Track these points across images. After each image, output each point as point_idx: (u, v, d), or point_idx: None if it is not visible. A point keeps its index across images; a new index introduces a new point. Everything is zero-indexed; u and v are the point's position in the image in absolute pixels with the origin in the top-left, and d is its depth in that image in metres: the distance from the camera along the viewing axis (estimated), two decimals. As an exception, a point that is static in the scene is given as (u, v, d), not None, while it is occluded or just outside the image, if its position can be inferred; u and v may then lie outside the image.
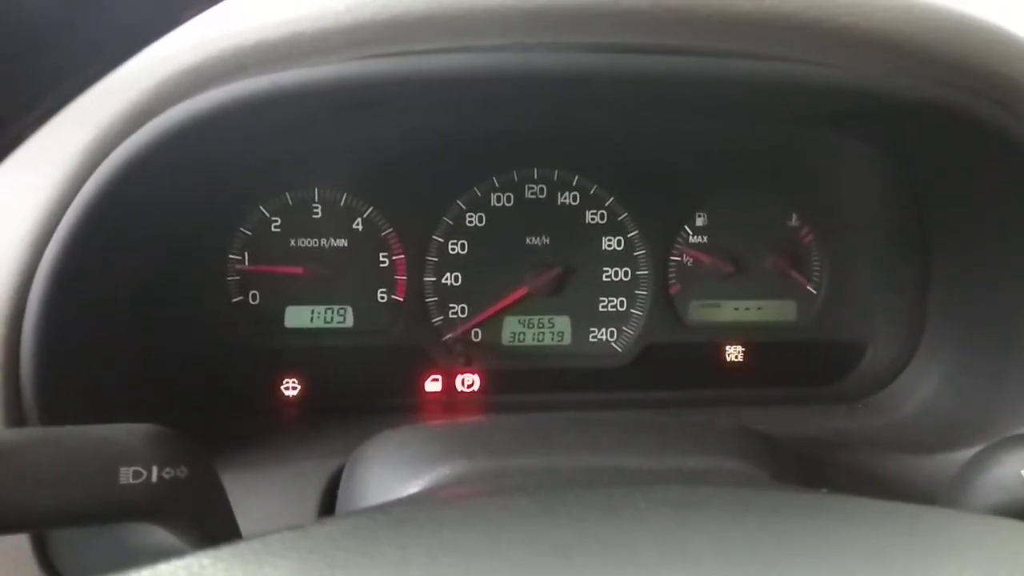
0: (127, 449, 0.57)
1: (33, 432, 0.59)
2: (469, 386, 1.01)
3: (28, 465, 0.54)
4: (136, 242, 0.77)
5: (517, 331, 1.03)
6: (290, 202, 0.97)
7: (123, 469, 0.57)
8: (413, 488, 0.66)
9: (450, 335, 1.01)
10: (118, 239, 0.71)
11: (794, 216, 1.04)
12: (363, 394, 0.97)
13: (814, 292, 1.04)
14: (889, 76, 0.63)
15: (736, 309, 1.05)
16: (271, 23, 0.54)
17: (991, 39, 0.64)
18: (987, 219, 0.84)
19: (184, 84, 0.58)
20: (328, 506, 0.78)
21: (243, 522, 0.66)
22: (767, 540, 0.39)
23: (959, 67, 0.61)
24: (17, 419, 0.67)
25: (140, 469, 0.57)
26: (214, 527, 0.61)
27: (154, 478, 0.57)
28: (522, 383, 1.01)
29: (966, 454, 0.80)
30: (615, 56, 0.62)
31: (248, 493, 0.79)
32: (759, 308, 1.05)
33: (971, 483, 0.69)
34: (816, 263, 1.04)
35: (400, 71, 0.61)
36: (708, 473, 0.65)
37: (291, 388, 0.97)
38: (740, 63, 0.63)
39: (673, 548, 0.37)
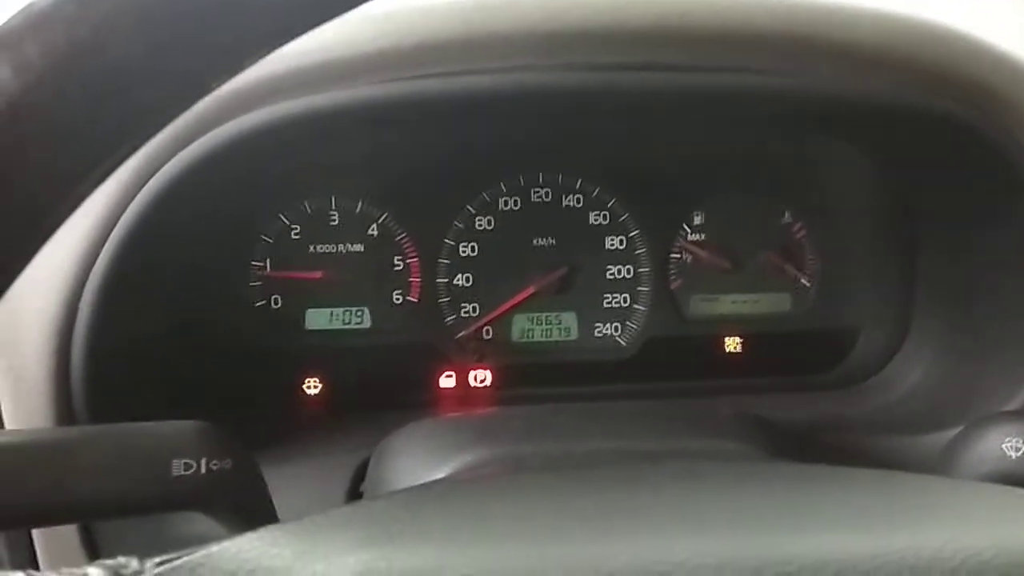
0: (178, 443, 0.62)
1: (93, 429, 0.64)
2: (482, 381, 1.06)
3: (89, 460, 0.59)
4: (173, 254, 0.82)
5: (526, 328, 1.08)
6: (308, 210, 1.02)
7: (175, 462, 0.62)
8: (440, 475, 0.71)
9: (463, 333, 1.06)
10: (157, 253, 0.76)
11: (786, 214, 1.09)
12: (381, 391, 1.02)
13: (807, 285, 1.10)
14: (873, 86, 0.68)
15: (734, 302, 1.10)
16: (303, 50, 0.59)
17: (969, 50, 0.69)
18: (971, 214, 0.90)
19: (222, 109, 0.63)
20: (355, 496, 0.83)
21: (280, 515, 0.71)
22: (774, 504, 0.44)
23: (940, 77, 0.66)
24: (68, 421, 0.72)
25: (190, 461, 0.62)
26: (256, 514, 0.66)
27: (203, 470, 0.62)
28: (532, 377, 1.06)
29: (953, 433, 0.85)
30: (625, 74, 0.67)
31: (278, 486, 0.84)
32: (756, 301, 1.10)
33: (956, 458, 0.74)
34: (809, 257, 1.09)
35: (422, 92, 0.66)
36: (711, 454, 0.71)
37: (313, 387, 1.02)
38: (736, 77, 0.68)
39: (688, 513, 0.42)
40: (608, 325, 1.08)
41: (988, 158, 0.74)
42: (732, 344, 1.09)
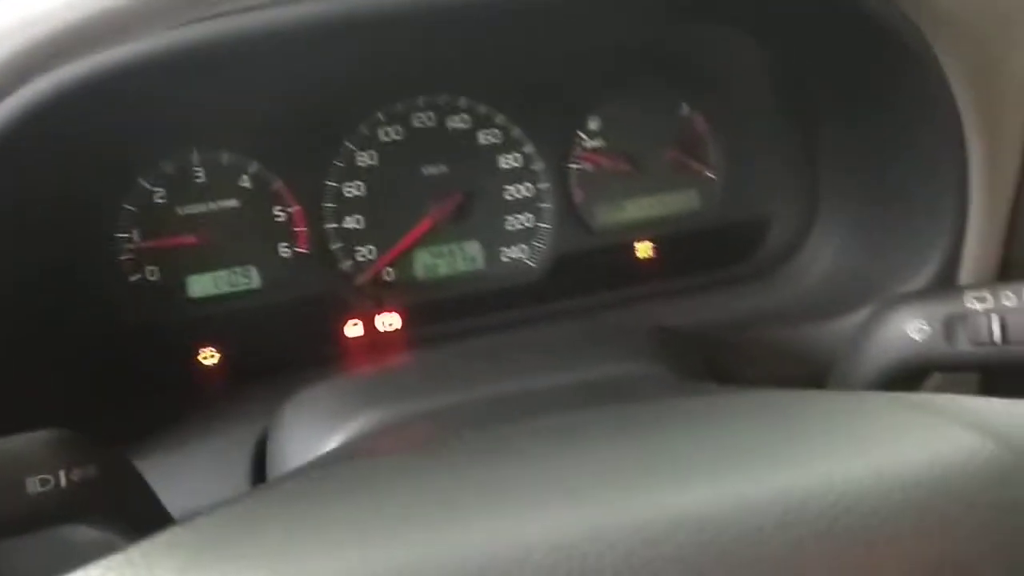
0: (29, 459, 0.56)
1: None
2: (390, 325, 1.01)
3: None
4: (14, 241, 0.74)
5: (429, 263, 1.02)
6: (169, 170, 0.93)
7: (29, 479, 0.56)
8: (335, 444, 0.67)
9: (362, 278, 1.00)
10: None
11: (684, 106, 1.04)
12: (284, 352, 0.96)
13: (713, 178, 1.06)
14: None
15: (641, 207, 1.06)
16: None
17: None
18: (865, 91, 0.86)
19: (32, 60, 0.55)
20: (260, 473, 0.78)
21: (180, 500, 0.66)
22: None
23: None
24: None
25: (47, 476, 0.57)
26: (140, 516, 0.62)
27: (63, 482, 0.57)
28: (442, 313, 1.01)
29: (862, 314, 0.84)
30: None
31: (180, 471, 0.79)
32: (663, 202, 1.06)
33: (863, 345, 0.72)
34: (712, 150, 1.05)
35: (266, 23, 0.58)
36: (620, 382, 0.68)
37: (208, 358, 0.96)
38: None
39: (603, 468, 0.39)
40: (515, 248, 1.04)
41: (873, 31, 0.70)
42: (643, 250, 1.06)
